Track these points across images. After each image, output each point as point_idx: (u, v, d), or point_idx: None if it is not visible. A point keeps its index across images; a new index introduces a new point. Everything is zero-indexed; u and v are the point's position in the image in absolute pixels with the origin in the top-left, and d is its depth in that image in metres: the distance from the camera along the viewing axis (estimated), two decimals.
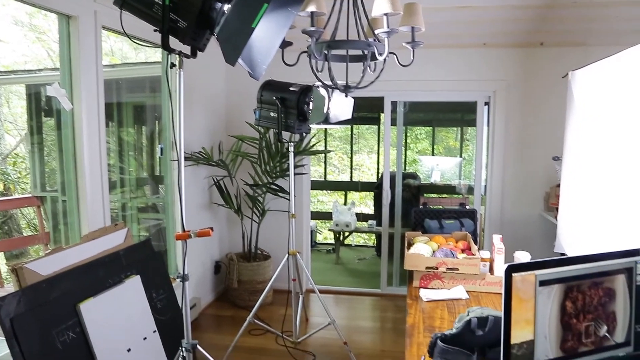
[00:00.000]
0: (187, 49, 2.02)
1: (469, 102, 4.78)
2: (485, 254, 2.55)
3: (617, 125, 2.59)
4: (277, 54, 1.98)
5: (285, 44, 2.13)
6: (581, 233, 3.03)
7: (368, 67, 2.11)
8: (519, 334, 1.17)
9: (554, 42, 4.31)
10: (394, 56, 2.10)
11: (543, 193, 4.46)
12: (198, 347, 2.36)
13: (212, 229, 2.21)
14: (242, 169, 4.60)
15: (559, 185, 3.60)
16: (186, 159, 3.93)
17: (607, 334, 1.32)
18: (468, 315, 1.78)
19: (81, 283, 2.45)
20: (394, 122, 4.88)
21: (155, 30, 1.89)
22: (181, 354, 2.29)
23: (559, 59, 4.24)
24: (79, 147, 2.81)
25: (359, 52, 2.14)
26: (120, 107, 3.79)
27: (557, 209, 3.55)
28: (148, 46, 3.47)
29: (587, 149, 2.99)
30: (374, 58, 2.09)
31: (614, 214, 2.59)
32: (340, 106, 3.15)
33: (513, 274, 1.16)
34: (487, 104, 4.65)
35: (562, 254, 3.32)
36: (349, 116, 3.25)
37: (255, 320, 3.52)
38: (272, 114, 3.08)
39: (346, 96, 2.26)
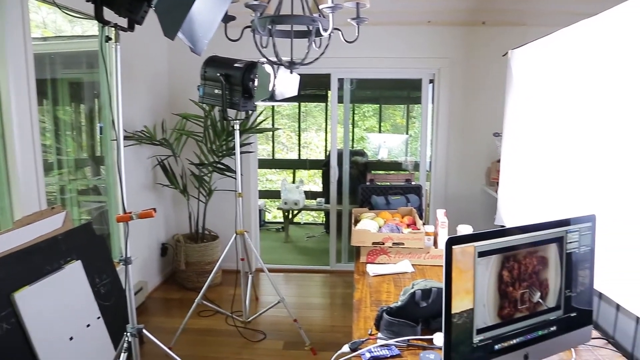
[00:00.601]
0: (124, 22, 1.92)
1: (414, 80, 4.85)
2: (429, 228, 2.63)
3: (552, 103, 2.71)
4: (220, 28, 1.91)
5: (228, 18, 2.07)
6: (519, 206, 3.17)
7: (313, 43, 2.08)
8: (459, 304, 1.21)
9: (495, 22, 4.42)
10: (339, 32, 2.09)
11: (485, 168, 4.63)
12: (144, 331, 2.31)
13: (154, 209, 2.15)
14: (187, 148, 4.48)
15: (499, 161, 3.74)
16: (127, 138, 3.78)
17: (540, 300, 1.39)
18: (413, 288, 1.83)
19: (15, 271, 2.32)
20: (341, 100, 4.89)
21: (87, 0, 1.78)
22: (126, 339, 2.23)
23: (500, 38, 4.34)
24: (8, 126, 2.63)
25: (304, 28, 2.11)
26: (55, 83, 3.57)
27: (497, 183, 3.70)
28: (81, 18, 3.28)
29: (524, 125, 3.11)
30: (318, 34, 2.06)
31: (549, 187, 2.72)
32: (286, 83, 3.11)
33: (453, 247, 1.19)
34: (431, 81, 4.73)
35: (502, 227, 3.47)
36: (295, 93, 3.22)
37: (204, 302, 3.48)
38: (216, 91, 3.00)
39: (291, 72, 2.23)
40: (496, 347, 1.31)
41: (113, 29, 1.92)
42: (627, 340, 1.99)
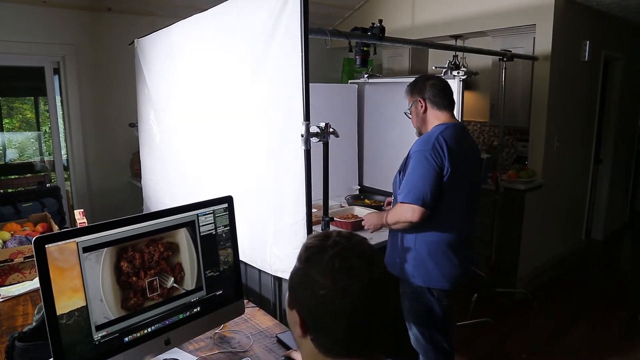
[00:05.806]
0: None
1: (38, 68, 4.28)
2: None
3: (178, 91, 2.82)
4: None
5: None
6: (163, 194, 3.22)
7: None
8: (67, 304, 1.12)
9: (122, 9, 4.30)
10: None
11: (128, 160, 4.52)
12: None
13: None
14: None
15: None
16: None
17: (175, 285, 1.39)
18: None
19: None
20: None
21: None
22: None
23: (129, 26, 4.23)
24: None
25: None
26: None
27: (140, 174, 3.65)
28: None
29: (157, 114, 3.16)
30: None
31: (187, 173, 2.84)
32: None
33: (47, 246, 1.08)
34: (57, 70, 4.27)
35: None
36: None
37: None
38: None
39: None
40: (126, 339, 1.26)
41: None
42: (269, 292, 2.32)
